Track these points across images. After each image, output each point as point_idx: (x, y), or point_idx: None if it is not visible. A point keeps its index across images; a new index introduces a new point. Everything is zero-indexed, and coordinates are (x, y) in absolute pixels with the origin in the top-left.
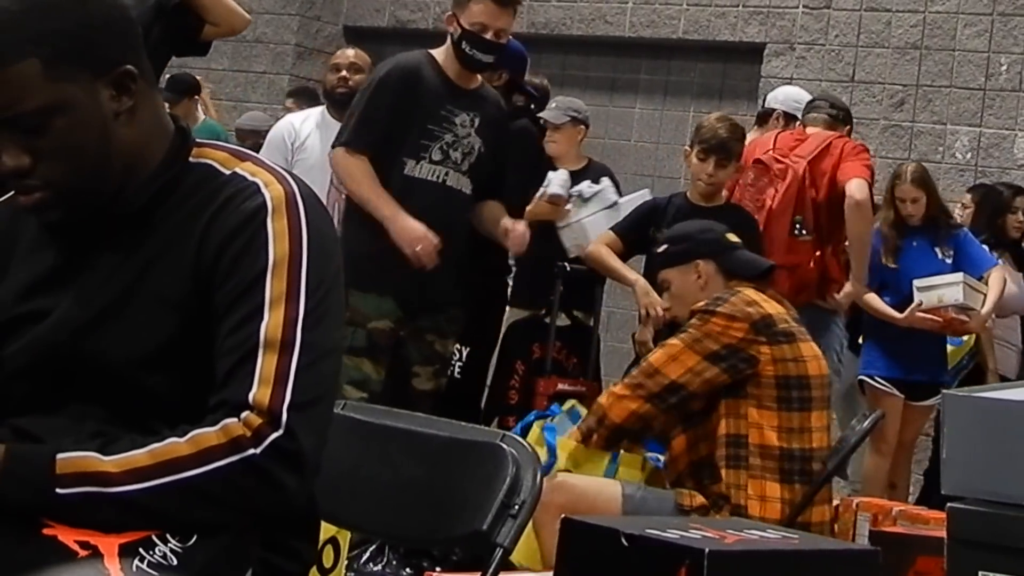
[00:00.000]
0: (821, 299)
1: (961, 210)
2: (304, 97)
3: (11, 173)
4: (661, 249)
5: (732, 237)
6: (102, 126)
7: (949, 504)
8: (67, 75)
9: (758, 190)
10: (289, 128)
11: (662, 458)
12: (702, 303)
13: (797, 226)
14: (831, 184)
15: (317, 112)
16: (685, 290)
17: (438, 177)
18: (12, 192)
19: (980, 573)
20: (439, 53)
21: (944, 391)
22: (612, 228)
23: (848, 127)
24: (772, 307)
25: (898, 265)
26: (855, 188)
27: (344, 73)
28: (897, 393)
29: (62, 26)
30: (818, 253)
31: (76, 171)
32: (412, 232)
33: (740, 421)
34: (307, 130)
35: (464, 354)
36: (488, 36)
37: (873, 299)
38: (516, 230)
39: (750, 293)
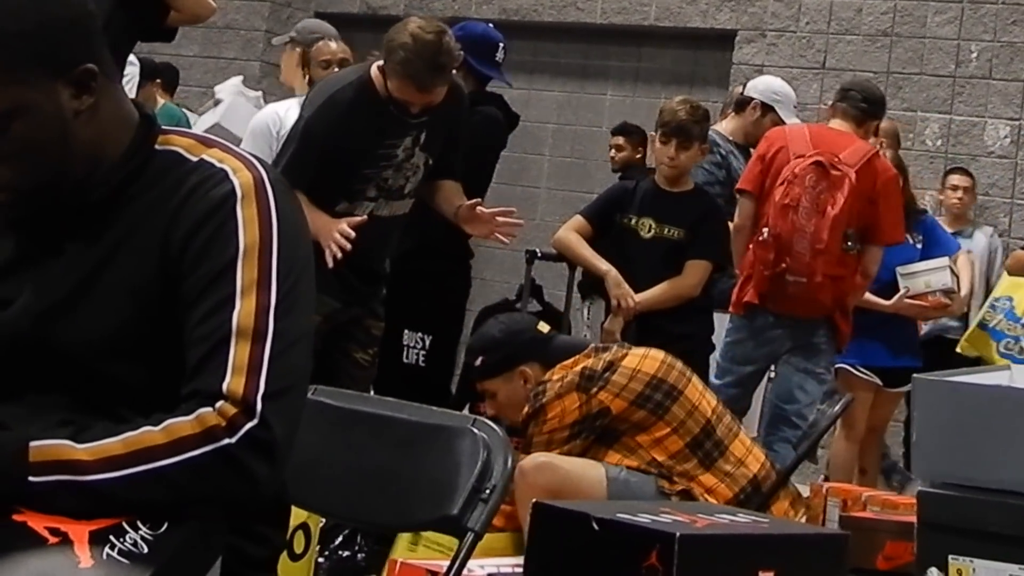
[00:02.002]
0: None
1: (951, 192)
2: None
3: None
4: (478, 362)
5: (544, 328)
6: (62, 126)
7: (919, 489)
8: (25, 78)
9: (818, 193)
10: (273, 116)
11: None
12: (526, 409)
13: (848, 239)
14: (869, 218)
15: (299, 102)
16: (513, 397)
17: (366, 211)
18: None
19: (950, 557)
20: (378, 75)
21: (915, 376)
22: (581, 212)
23: (878, 122)
24: (582, 361)
25: None
26: (875, 261)
27: (335, 68)
28: (876, 380)
29: (19, 29)
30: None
31: (36, 172)
32: (321, 229)
33: (640, 452)
34: (291, 119)
35: (427, 342)
36: (415, 110)
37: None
38: (481, 212)
39: (557, 372)
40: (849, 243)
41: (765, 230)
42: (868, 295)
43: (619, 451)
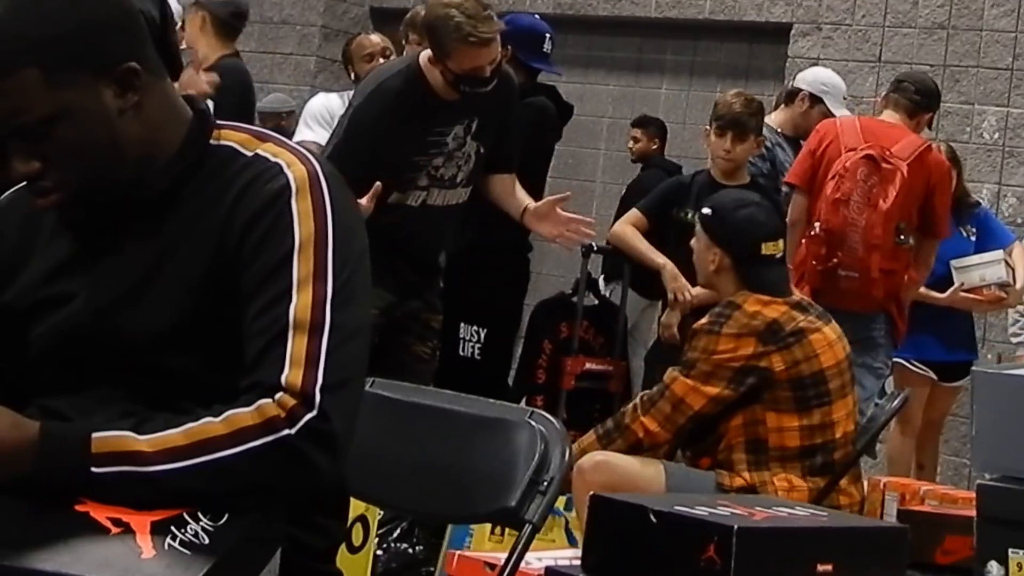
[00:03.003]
0: None
1: None
2: None
3: (23, 178)
4: (708, 211)
5: (769, 249)
6: (108, 126)
7: (979, 482)
8: (68, 81)
9: (869, 187)
10: (327, 103)
11: None
12: (706, 320)
13: (901, 233)
14: (924, 212)
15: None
16: (700, 258)
17: (418, 201)
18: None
19: (1010, 551)
20: (427, 64)
21: (973, 369)
22: (636, 206)
23: (931, 114)
24: (775, 310)
25: None
26: (931, 254)
27: (379, 60)
28: (932, 375)
29: (59, 32)
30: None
31: (86, 172)
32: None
33: (758, 427)
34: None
35: (482, 335)
36: (486, 74)
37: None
38: (560, 213)
39: (751, 305)
40: (901, 236)
41: (817, 224)
42: (923, 290)
43: (742, 415)
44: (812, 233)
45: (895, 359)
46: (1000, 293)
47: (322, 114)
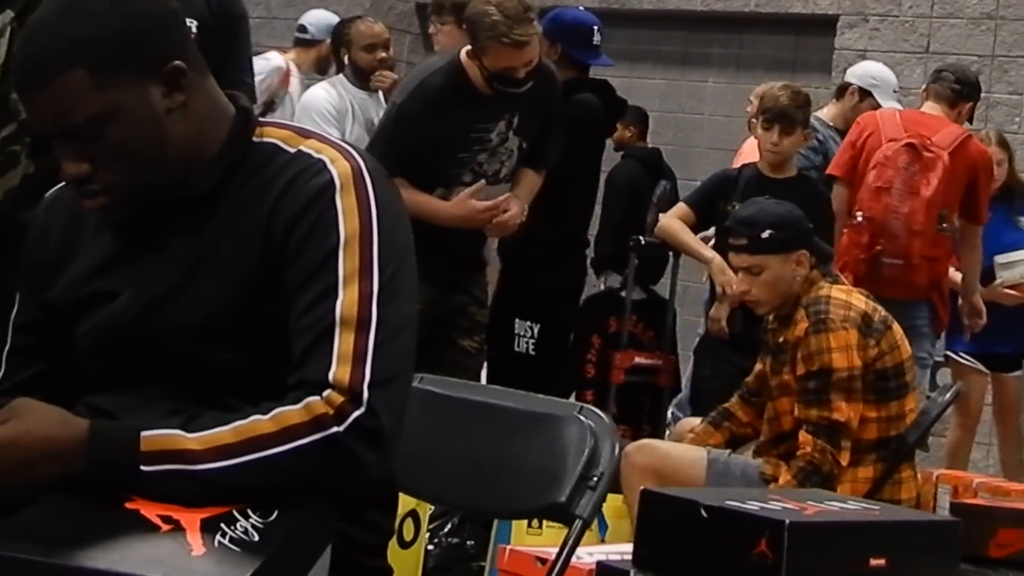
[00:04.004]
0: None
1: None
2: None
3: (72, 180)
4: (767, 235)
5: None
6: (156, 126)
7: None
8: (115, 81)
9: (911, 175)
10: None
11: None
12: (808, 324)
13: (943, 221)
14: (967, 200)
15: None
16: (781, 279)
17: None
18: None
19: None
20: (468, 60)
21: None
22: (684, 199)
23: (972, 104)
24: (859, 299)
25: None
26: (979, 237)
27: (380, 51)
28: (982, 368)
29: (105, 33)
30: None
31: (135, 172)
32: (468, 218)
33: (823, 410)
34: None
35: (536, 330)
36: (519, 75)
37: (956, 275)
38: (503, 215)
39: (837, 294)
40: (944, 224)
41: (859, 214)
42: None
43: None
44: (854, 222)
45: (947, 352)
46: None
47: (329, 111)
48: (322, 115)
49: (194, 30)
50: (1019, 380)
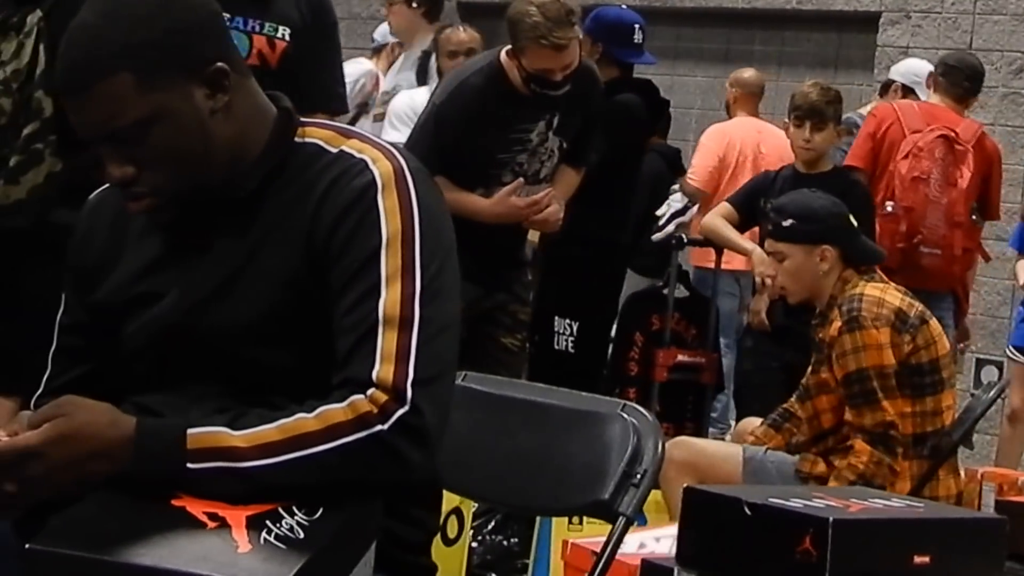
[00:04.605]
0: None
1: None
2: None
3: (117, 183)
4: (788, 223)
5: (854, 221)
6: (201, 127)
7: None
8: (160, 84)
9: (947, 166)
10: (412, 102)
11: None
12: (841, 324)
13: (973, 213)
14: (981, 195)
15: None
16: (804, 270)
17: None
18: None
19: None
20: (507, 61)
21: None
22: (727, 199)
23: (976, 98)
24: (893, 296)
25: None
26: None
27: (462, 58)
28: None
29: (150, 36)
30: None
31: (180, 174)
32: (508, 213)
33: (876, 414)
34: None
35: (575, 328)
36: (556, 78)
37: (1020, 267)
38: (544, 211)
39: (871, 291)
40: (974, 216)
41: (890, 204)
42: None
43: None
44: (885, 212)
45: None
46: None
47: (407, 113)
48: (399, 116)
49: (287, 38)
50: None
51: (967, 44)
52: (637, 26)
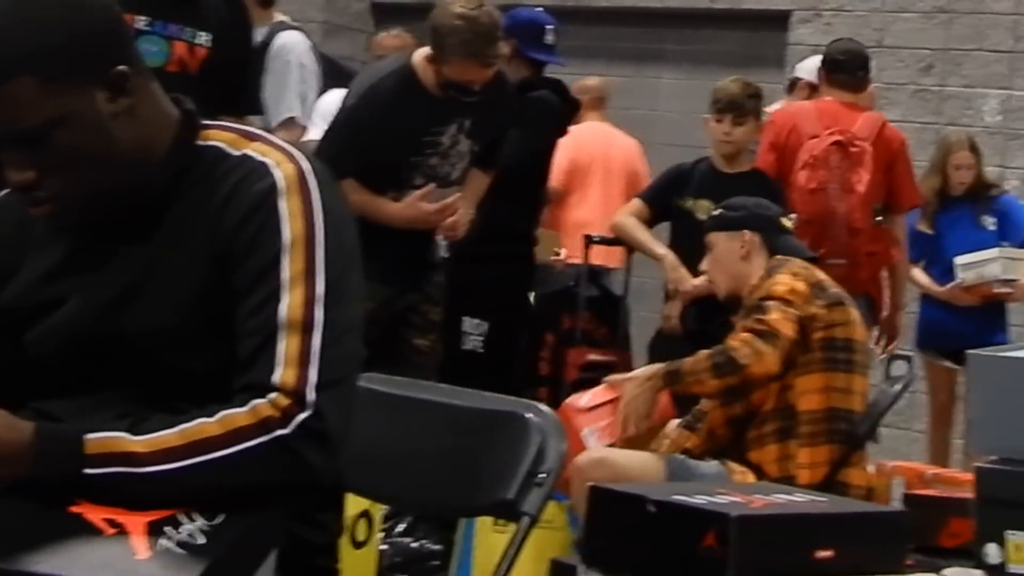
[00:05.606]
0: None
1: None
2: None
3: (18, 188)
4: (716, 212)
5: (786, 223)
6: (103, 131)
7: (976, 464)
8: (63, 88)
9: (843, 172)
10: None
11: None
12: (762, 279)
13: (877, 214)
14: (887, 188)
15: None
16: (726, 256)
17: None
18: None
19: (1007, 533)
20: (421, 64)
21: (968, 352)
22: (638, 195)
23: (869, 82)
24: (818, 273)
25: (937, 232)
26: (903, 229)
27: None
28: (952, 365)
29: (54, 40)
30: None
31: (82, 179)
32: (416, 218)
33: (787, 393)
34: None
35: (485, 328)
36: (476, 87)
37: (917, 273)
38: (453, 216)
39: (793, 266)
40: (878, 218)
41: (792, 216)
42: (925, 281)
43: (777, 383)
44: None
45: (918, 349)
46: (1006, 289)
47: (332, 113)
48: (322, 116)
49: (208, 44)
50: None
51: (878, 42)
52: (550, 27)
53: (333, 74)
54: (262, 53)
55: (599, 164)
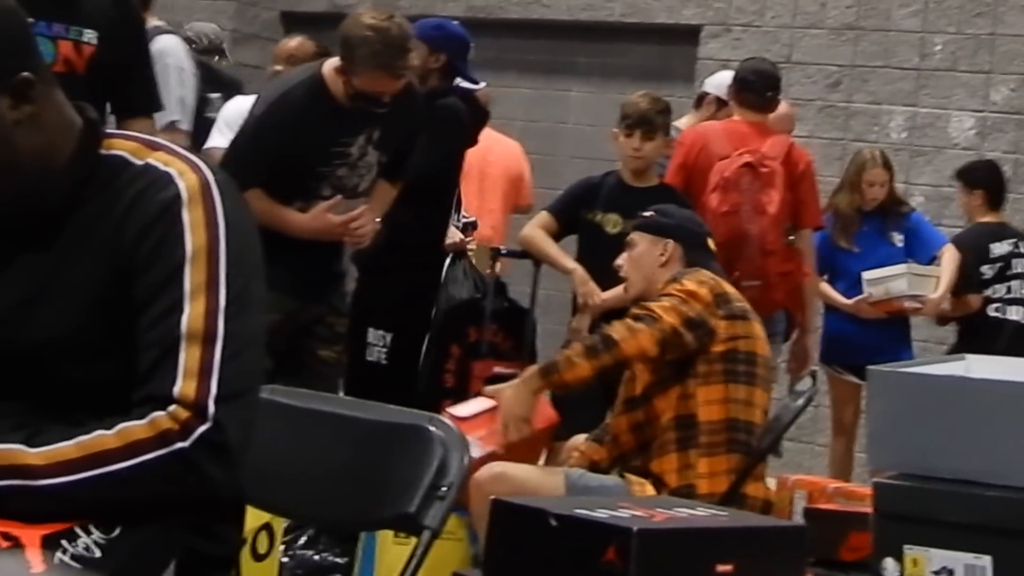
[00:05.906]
0: None
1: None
2: None
3: None
4: (647, 213)
5: (711, 245)
6: (4, 138)
7: (874, 479)
8: None
9: (754, 193)
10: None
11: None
12: (667, 282)
13: (788, 233)
14: (794, 206)
15: None
16: (644, 258)
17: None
18: None
19: (905, 547)
20: (331, 74)
21: (868, 367)
22: (547, 208)
23: (778, 102)
24: (724, 286)
25: (856, 248)
26: (811, 245)
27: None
28: (855, 380)
29: None
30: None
31: None
32: (323, 230)
33: (688, 402)
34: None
35: (388, 340)
36: (387, 99)
37: (824, 287)
38: (355, 226)
39: (700, 275)
40: (790, 237)
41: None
42: (832, 294)
43: (676, 390)
44: None
45: (822, 363)
46: (914, 304)
47: (237, 120)
48: (227, 123)
49: (94, 42)
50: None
51: (786, 57)
52: (471, 44)
53: (210, 79)
54: None
55: (475, 169)
